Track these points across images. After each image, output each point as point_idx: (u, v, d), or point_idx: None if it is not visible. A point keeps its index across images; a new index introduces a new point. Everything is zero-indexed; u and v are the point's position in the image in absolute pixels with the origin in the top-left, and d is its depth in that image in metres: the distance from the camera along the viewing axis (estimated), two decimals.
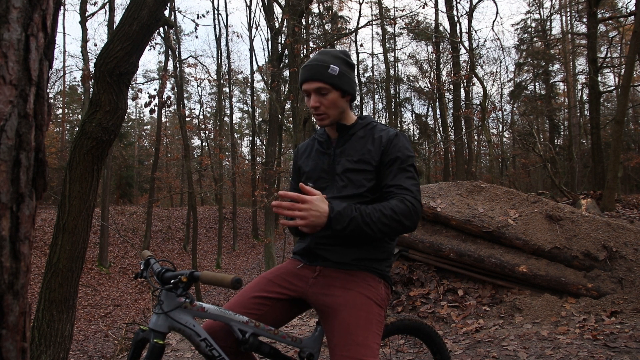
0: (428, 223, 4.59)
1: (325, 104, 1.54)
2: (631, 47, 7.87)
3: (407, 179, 1.48)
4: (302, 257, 1.62)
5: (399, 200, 1.42)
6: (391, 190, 1.47)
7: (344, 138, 1.60)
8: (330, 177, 1.58)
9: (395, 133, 1.56)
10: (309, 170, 1.64)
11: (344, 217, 1.34)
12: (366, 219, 1.36)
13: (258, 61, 40.05)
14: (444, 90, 20.62)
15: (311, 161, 1.66)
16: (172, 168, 32.45)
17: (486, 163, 27.57)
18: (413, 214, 1.41)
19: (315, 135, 1.72)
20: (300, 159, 1.73)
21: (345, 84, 1.55)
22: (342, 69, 1.55)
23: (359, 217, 1.35)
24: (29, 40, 0.64)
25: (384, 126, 1.61)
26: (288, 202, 1.32)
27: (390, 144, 1.52)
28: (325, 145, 1.64)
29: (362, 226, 1.35)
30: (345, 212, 1.34)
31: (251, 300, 1.54)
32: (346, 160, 1.56)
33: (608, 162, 8.85)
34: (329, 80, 1.52)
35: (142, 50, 2.74)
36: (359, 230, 1.36)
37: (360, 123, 1.62)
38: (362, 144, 1.56)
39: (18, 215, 0.63)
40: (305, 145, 1.76)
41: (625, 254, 3.90)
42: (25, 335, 0.65)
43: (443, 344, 1.90)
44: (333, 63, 1.53)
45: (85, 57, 14.95)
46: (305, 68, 1.55)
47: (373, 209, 1.38)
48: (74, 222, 2.65)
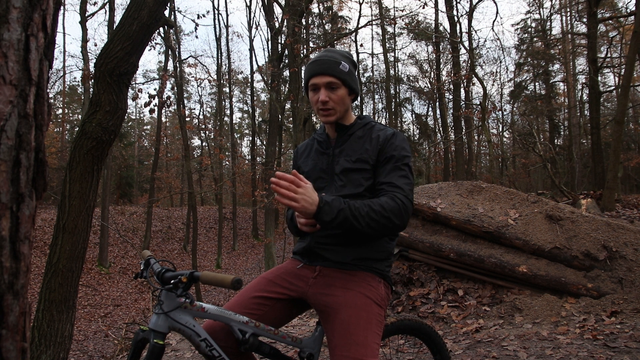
0: (428, 223, 4.59)
1: (334, 99, 1.55)
2: (631, 47, 7.87)
3: (400, 177, 1.49)
4: (302, 257, 1.62)
5: (390, 198, 1.43)
6: (383, 188, 1.48)
7: (342, 138, 1.61)
8: (329, 177, 1.59)
9: (393, 132, 1.57)
10: (308, 170, 1.65)
11: (332, 208, 1.35)
12: (354, 212, 1.37)
13: (258, 61, 40.08)
14: (444, 90, 20.62)
15: (310, 161, 1.66)
16: (172, 168, 32.45)
17: (486, 163, 27.57)
18: (403, 212, 1.42)
19: (315, 135, 1.73)
20: (299, 158, 1.73)
21: (353, 82, 1.59)
22: (350, 68, 1.59)
23: (347, 210, 1.37)
24: (29, 40, 0.64)
25: (382, 126, 1.63)
26: (286, 183, 1.34)
27: (387, 142, 1.54)
28: (324, 145, 1.65)
29: (350, 219, 1.37)
30: (334, 204, 1.36)
31: (251, 301, 1.54)
32: (345, 160, 1.56)
33: (608, 162, 8.85)
34: (340, 75, 1.54)
35: (142, 50, 2.74)
36: (347, 224, 1.37)
37: (359, 123, 1.63)
38: (361, 143, 1.57)
39: (18, 215, 0.63)
40: (305, 145, 1.76)
41: (625, 254, 3.90)
42: (25, 335, 0.65)
43: (443, 344, 1.90)
44: (343, 60, 1.57)
45: (85, 57, 14.95)
46: (316, 62, 1.56)
47: (362, 204, 1.39)
48: (74, 222, 2.65)
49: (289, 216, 1.70)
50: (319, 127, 1.74)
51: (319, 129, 1.73)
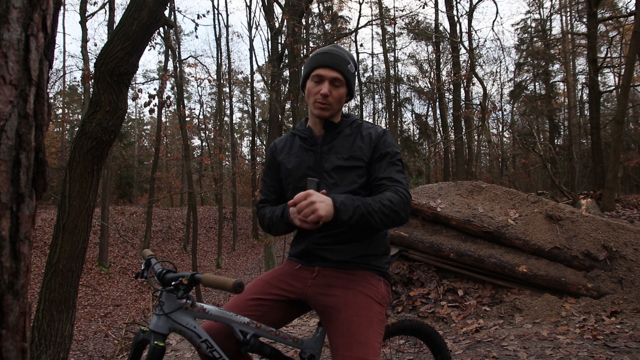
0: (428, 223, 4.59)
1: (334, 96, 1.54)
2: (631, 47, 7.88)
3: (397, 172, 1.52)
4: (300, 259, 1.61)
5: (393, 192, 1.45)
6: (383, 183, 1.50)
7: (331, 135, 1.59)
8: (317, 174, 1.56)
9: (384, 130, 1.60)
10: (292, 167, 1.60)
11: (348, 207, 1.35)
12: (368, 208, 1.38)
13: (258, 61, 40.04)
14: (444, 90, 20.63)
15: (294, 157, 1.61)
16: (172, 168, 32.44)
17: (486, 163, 27.57)
18: (406, 204, 1.45)
19: (295, 131, 1.67)
20: (279, 154, 1.66)
21: (353, 85, 1.60)
22: (354, 71, 1.60)
23: (362, 207, 1.37)
24: (29, 40, 0.64)
25: (370, 124, 1.64)
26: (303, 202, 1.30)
27: (380, 139, 1.56)
28: (309, 141, 1.61)
29: (366, 215, 1.37)
30: (348, 202, 1.36)
31: (248, 303, 1.53)
32: (335, 158, 1.55)
33: (608, 162, 8.85)
34: (347, 74, 1.55)
35: (142, 50, 2.74)
36: (363, 220, 1.38)
37: (345, 121, 1.62)
38: (351, 141, 1.57)
39: (18, 215, 0.63)
40: (284, 140, 1.70)
41: (625, 254, 3.90)
42: (25, 335, 0.65)
43: (444, 345, 1.90)
44: (351, 61, 1.58)
45: (85, 57, 14.95)
46: (326, 54, 1.54)
47: (372, 200, 1.41)
48: (74, 222, 2.64)
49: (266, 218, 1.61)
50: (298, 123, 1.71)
51: (298, 125, 1.69)
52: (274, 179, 1.67)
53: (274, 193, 1.68)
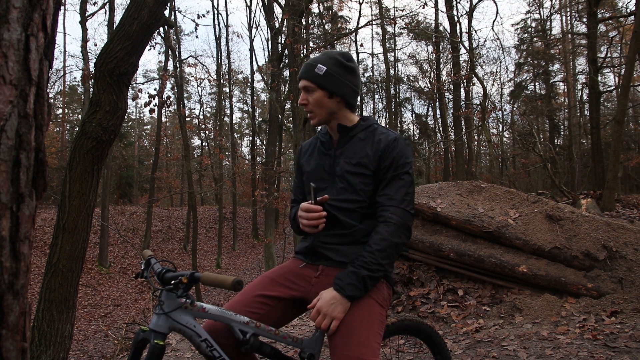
0: (428, 223, 4.59)
1: (311, 102, 1.57)
2: (631, 47, 7.87)
3: (399, 188, 1.50)
4: (305, 256, 1.62)
5: (384, 224, 1.47)
6: (381, 202, 1.51)
7: (344, 139, 1.60)
8: (330, 178, 1.59)
9: (395, 137, 1.54)
10: (311, 170, 1.65)
11: (355, 284, 1.42)
12: (371, 267, 1.43)
13: (258, 61, 40.06)
14: (444, 90, 20.62)
15: (313, 161, 1.66)
16: (172, 168, 32.43)
17: (486, 163, 27.56)
18: (403, 228, 1.47)
19: (319, 135, 1.72)
20: (302, 157, 1.73)
21: (331, 85, 1.54)
22: (332, 70, 1.54)
23: (365, 271, 1.42)
24: (29, 40, 0.64)
25: (385, 129, 1.60)
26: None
27: (388, 148, 1.52)
28: (327, 145, 1.64)
29: (374, 271, 1.44)
30: (349, 280, 1.42)
31: (254, 299, 1.54)
32: (345, 162, 1.56)
33: (608, 162, 8.85)
34: (313, 79, 1.54)
35: (142, 50, 2.74)
36: (376, 276, 1.44)
37: (362, 125, 1.61)
38: (362, 146, 1.56)
39: (18, 215, 0.63)
40: (309, 144, 1.75)
41: (625, 254, 3.90)
42: (25, 335, 0.65)
43: (444, 345, 1.90)
44: (322, 63, 1.55)
45: (85, 57, 14.95)
46: (302, 67, 1.61)
47: (367, 254, 1.44)
48: (74, 222, 2.65)
49: (292, 216, 1.70)
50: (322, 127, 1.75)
51: (321, 129, 1.73)
52: (301, 180, 1.73)
53: (301, 194, 1.75)
